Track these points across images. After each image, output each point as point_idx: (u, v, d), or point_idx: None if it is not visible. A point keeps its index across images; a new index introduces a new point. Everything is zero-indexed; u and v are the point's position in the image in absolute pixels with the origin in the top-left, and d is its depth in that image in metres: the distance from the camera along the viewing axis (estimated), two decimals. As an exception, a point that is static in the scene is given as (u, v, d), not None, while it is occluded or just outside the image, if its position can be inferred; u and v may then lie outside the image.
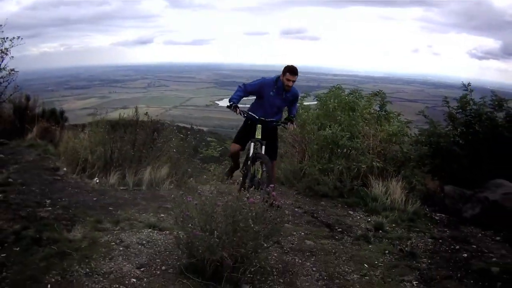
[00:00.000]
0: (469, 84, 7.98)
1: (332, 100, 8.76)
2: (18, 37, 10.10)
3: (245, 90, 6.64)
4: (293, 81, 6.46)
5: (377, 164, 7.34)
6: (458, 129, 7.87)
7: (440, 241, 5.64)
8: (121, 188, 6.89)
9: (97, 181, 6.93)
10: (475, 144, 7.39)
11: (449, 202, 6.91)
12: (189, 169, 7.57)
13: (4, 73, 10.18)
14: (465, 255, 5.16)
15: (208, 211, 3.82)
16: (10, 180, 6.31)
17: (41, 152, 8.27)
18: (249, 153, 6.55)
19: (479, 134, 7.43)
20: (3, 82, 10.22)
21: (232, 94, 6.55)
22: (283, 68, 6.46)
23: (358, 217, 6.70)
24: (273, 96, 6.59)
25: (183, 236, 4.02)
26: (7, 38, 10.03)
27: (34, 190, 6.15)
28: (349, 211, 6.94)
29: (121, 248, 4.57)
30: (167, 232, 5.15)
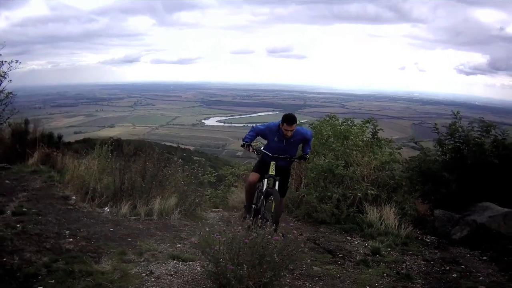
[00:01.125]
0: (458, 112, 8.26)
1: (326, 129, 9.09)
2: (17, 61, 10.22)
3: (255, 131, 6.81)
4: (291, 131, 6.43)
5: (371, 191, 7.71)
6: (447, 155, 8.22)
7: (432, 262, 6.06)
8: (133, 218, 7.04)
9: (108, 210, 7.10)
10: (464, 170, 7.72)
11: (438, 225, 7.32)
12: (196, 200, 7.80)
13: (2, 96, 10.36)
14: (455, 275, 5.60)
15: (236, 246, 4.18)
16: (24, 209, 6.40)
17: (46, 179, 8.36)
18: (262, 188, 6.61)
19: (467, 160, 7.74)
20: (1, 105, 10.39)
21: (246, 134, 6.76)
22: (282, 117, 6.47)
23: (356, 242, 7.04)
24: (277, 142, 6.63)
25: (212, 268, 4.30)
26: (5, 61, 10.23)
27: (50, 220, 6.27)
28: (347, 237, 7.27)
29: (152, 279, 4.79)
30: (190, 262, 5.34)
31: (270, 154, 6.61)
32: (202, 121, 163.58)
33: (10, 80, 10.51)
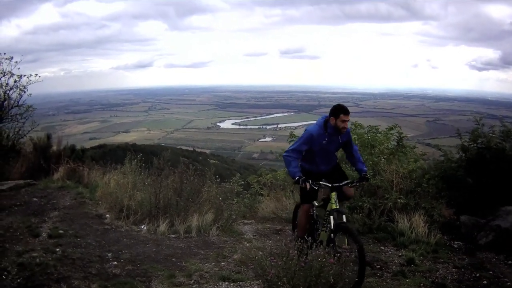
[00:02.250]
0: (480, 119, 8.36)
1: (353, 138, 9.10)
2: (36, 74, 10.32)
3: (296, 155, 5.70)
4: (348, 121, 5.59)
5: (401, 200, 7.81)
6: (471, 161, 8.20)
7: (462, 270, 6.06)
8: (173, 236, 6.91)
9: (145, 228, 6.98)
10: (487, 174, 7.77)
11: (465, 231, 7.39)
12: (233, 216, 7.68)
13: (22, 109, 10.47)
14: (485, 282, 5.60)
15: (292, 270, 4.24)
16: (60, 231, 6.26)
17: (75, 195, 8.24)
18: (330, 226, 5.51)
19: (490, 165, 7.79)
20: (21, 118, 10.47)
21: (288, 168, 5.69)
22: (331, 110, 5.55)
23: (390, 252, 7.03)
24: (327, 143, 5.67)
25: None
26: (24, 75, 10.28)
27: (90, 242, 6.13)
28: (381, 247, 7.25)
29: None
30: (241, 283, 5.23)
31: (330, 185, 5.56)
32: (217, 124, 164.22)
33: (30, 94, 10.50)
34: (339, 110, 5.47)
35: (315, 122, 5.85)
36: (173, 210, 7.05)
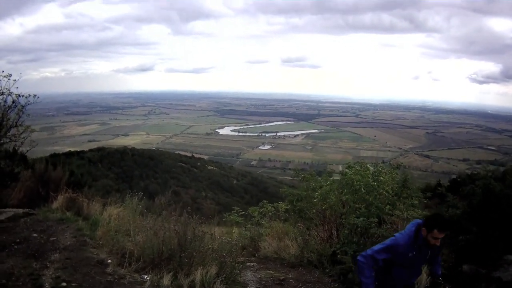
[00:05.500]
0: (488, 165, 8.35)
1: (358, 181, 8.88)
2: (35, 95, 10.32)
3: (372, 262, 4.68)
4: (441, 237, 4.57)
5: None
6: (474, 208, 8.05)
7: None
8: None
9: (148, 279, 6.63)
10: (489, 222, 7.63)
11: (466, 280, 7.45)
12: (237, 270, 7.42)
13: (20, 129, 10.40)
14: None
15: None
16: (63, 284, 5.94)
17: (75, 232, 7.93)
18: None
19: (492, 214, 7.65)
20: (20, 138, 10.38)
21: (360, 276, 4.70)
22: (426, 219, 4.63)
23: None
24: (413, 256, 4.67)
25: None
26: (22, 95, 10.21)
27: None
28: None
29: None
30: None
31: None
32: (216, 130, 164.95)
33: (29, 115, 10.32)
34: (433, 225, 4.49)
35: (402, 232, 4.82)
36: (176, 263, 6.90)
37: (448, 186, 12.21)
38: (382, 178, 8.68)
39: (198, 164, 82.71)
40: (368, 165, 9.59)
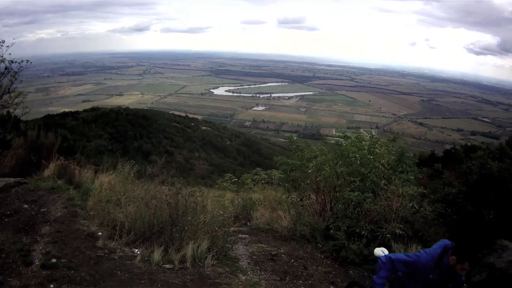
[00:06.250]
0: (487, 148, 8.23)
1: (354, 154, 8.67)
2: (27, 60, 10.14)
3: (390, 267, 4.60)
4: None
5: (399, 231, 7.57)
6: (471, 186, 8.00)
7: None
8: (167, 267, 6.40)
9: (139, 253, 6.56)
10: (485, 203, 7.60)
11: None
12: (228, 244, 7.35)
13: (13, 95, 10.08)
14: None
15: None
16: (53, 260, 5.85)
17: (66, 202, 7.83)
18: None
19: (490, 196, 7.59)
20: (13, 104, 10.19)
21: (375, 274, 4.66)
22: (460, 249, 4.32)
23: None
24: (433, 279, 4.46)
25: None
26: (15, 61, 9.99)
27: (83, 276, 5.66)
28: None
29: None
30: None
31: None
32: (211, 90, 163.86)
33: (22, 80, 10.24)
34: (468, 258, 4.23)
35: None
36: (167, 237, 6.75)
37: (442, 158, 12.13)
38: (378, 151, 8.52)
39: (192, 124, 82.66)
40: (363, 135, 9.43)
